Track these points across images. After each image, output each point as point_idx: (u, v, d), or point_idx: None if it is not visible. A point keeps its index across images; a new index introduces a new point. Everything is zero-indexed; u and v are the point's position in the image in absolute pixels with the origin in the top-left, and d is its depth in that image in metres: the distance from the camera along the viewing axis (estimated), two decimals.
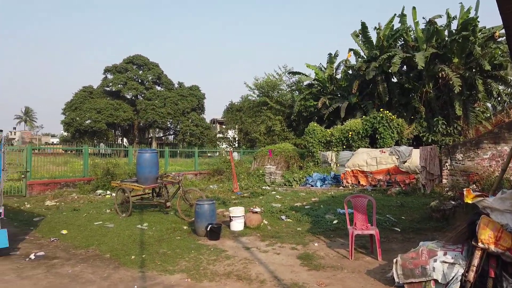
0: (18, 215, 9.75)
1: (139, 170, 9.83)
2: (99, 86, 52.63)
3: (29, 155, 13.66)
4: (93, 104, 47.36)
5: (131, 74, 51.51)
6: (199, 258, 6.19)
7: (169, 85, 54.29)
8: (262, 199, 12.36)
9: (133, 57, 52.48)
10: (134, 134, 53.29)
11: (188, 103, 52.21)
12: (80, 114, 47.15)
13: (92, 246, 6.93)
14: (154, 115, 48.39)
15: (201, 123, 52.77)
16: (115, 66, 51.31)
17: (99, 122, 46.17)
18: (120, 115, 47.32)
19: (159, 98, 50.40)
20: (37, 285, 5.01)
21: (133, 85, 49.84)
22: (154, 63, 53.65)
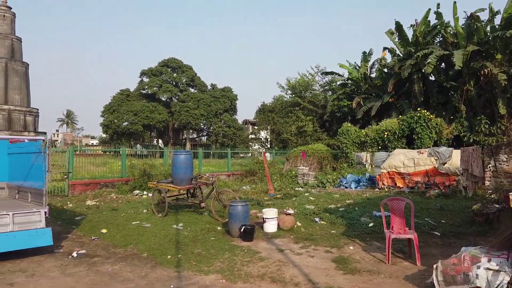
0: (61, 214, 10.22)
1: (175, 171, 10.04)
2: (136, 89, 54.27)
3: (71, 156, 14.29)
4: (130, 107, 48.87)
5: (166, 77, 52.74)
6: (233, 259, 6.23)
7: (202, 87, 55.14)
8: (295, 200, 12.29)
9: (167, 60, 53.74)
10: (169, 136, 54.51)
11: (221, 105, 52.80)
12: (117, 116, 48.78)
13: (130, 245, 7.14)
14: (187, 117, 49.29)
15: (233, 124, 53.20)
16: (150, 70, 52.73)
17: (136, 124, 47.56)
18: (156, 117, 48.53)
19: (193, 100, 51.28)
20: (79, 283, 5.22)
21: (168, 88, 51.01)
22: (188, 65, 54.66)
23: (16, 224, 6.24)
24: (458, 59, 18.65)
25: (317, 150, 20.81)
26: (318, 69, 32.11)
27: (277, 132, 34.24)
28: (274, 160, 23.39)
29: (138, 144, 50.84)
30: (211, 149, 33.98)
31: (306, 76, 32.27)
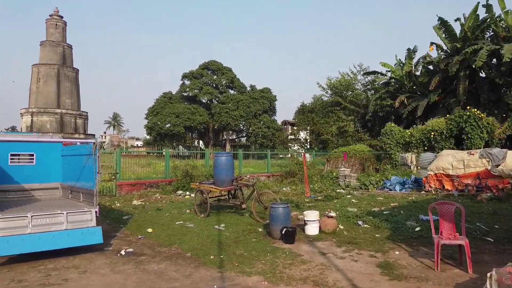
0: (110, 213, 10.69)
1: (216, 172, 10.19)
2: (178, 92, 55.76)
3: (118, 158, 14.93)
4: (172, 109, 50.28)
5: (206, 79, 53.77)
6: (275, 261, 6.22)
7: (241, 88, 55.66)
8: (336, 202, 12.08)
9: (208, 62, 54.76)
10: (209, 137, 55.49)
11: (260, 106, 53.01)
12: (160, 118, 50.35)
13: (174, 245, 7.33)
14: (227, 118, 49.94)
15: (272, 125, 53.22)
16: (191, 72, 53.98)
17: (178, 125, 48.85)
18: (197, 118, 49.60)
19: (232, 102, 51.88)
20: (128, 280, 5.43)
21: (208, 90, 51.97)
22: (228, 67, 55.39)
23: (69, 223, 6.60)
24: (507, 51, 17.51)
25: (358, 151, 20.34)
26: (361, 68, 31.39)
27: (317, 132, 33.82)
28: (314, 161, 23.11)
29: (180, 145, 52.20)
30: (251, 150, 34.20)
31: (347, 75, 31.65)
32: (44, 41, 47.54)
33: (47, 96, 46.30)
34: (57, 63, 47.08)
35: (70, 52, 49.49)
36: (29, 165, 8.80)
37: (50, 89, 46.47)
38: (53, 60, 47.13)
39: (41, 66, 46.67)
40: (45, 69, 46.53)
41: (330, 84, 32.34)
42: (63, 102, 47.37)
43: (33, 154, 8.83)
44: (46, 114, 46.09)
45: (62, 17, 48.94)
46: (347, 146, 23.65)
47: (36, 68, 46.93)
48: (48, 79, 46.44)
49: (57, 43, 47.62)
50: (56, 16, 48.66)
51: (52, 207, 7.01)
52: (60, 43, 47.84)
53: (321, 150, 30.95)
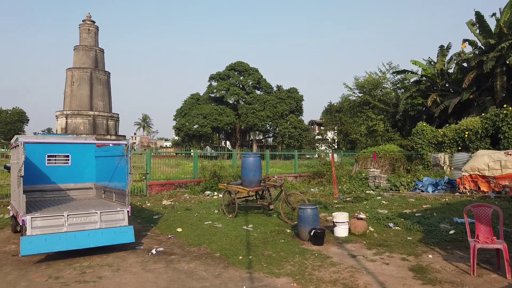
0: (141, 213, 10.94)
1: (244, 173, 10.23)
2: (205, 93, 56.47)
3: (148, 158, 15.26)
4: (200, 110, 50.96)
5: (233, 80, 54.16)
6: (304, 263, 6.18)
7: (268, 88, 55.69)
8: (366, 204, 11.85)
9: (234, 64, 55.13)
10: (236, 137, 55.85)
11: (287, 106, 52.87)
12: (188, 119, 51.15)
13: (203, 245, 7.41)
14: (254, 119, 50.09)
15: (299, 125, 52.95)
16: (218, 74, 54.52)
17: (205, 126, 49.46)
18: (224, 119, 50.03)
19: (259, 102, 52.00)
20: (159, 279, 5.54)
21: (235, 91, 52.32)
22: (254, 68, 55.57)
23: (103, 222, 6.80)
24: None
25: (388, 151, 19.88)
26: (390, 66, 30.68)
27: (345, 132, 33.37)
28: (342, 161, 22.80)
29: (207, 146, 52.80)
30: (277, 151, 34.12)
31: (376, 74, 31.02)
32: (78, 45, 49.27)
33: (80, 98, 47.96)
34: (90, 66, 48.71)
35: (102, 56, 51.07)
36: (65, 166, 9.15)
37: (84, 92, 48.11)
38: (86, 64, 48.79)
39: (75, 70, 48.38)
40: (79, 73, 48.21)
41: (357, 83, 31.80)
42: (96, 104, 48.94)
43: (69, 155, 9.17)
44: (80, 116, 47.75)
45: (94, 22, 50.59)
46: (376, 146, 23.17)
47: (70, 72, 48.70)
48: (81, 83, 48.09)
49: (89, 47, 49.25)
50: (89, 21, 50.35)
51: (87, 207, 7.25)
52: (92, 47, 49.45)
53: (349, 150, 30.49)
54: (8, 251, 6.94)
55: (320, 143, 44.43)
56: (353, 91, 32.98)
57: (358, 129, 29.73)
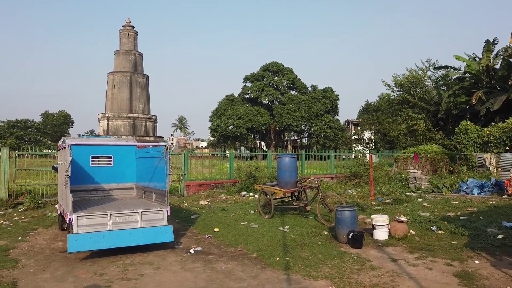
0: (179, 213, 11.18)
1: (279, 174, 10.19)
2: (240, 94, 56.94)
3: (186, 159, 15.58)
4: (235, 111, 51.44)
5: (268, 80, 54.22)
6: (342, 266, 6.06)
7: (302, 88, 55.31)
8: (406, 206, 11.47)
9: (269, 64, 55.19)
10: (270, 138, 55.88)
11: (322, 106, 52.26)
12: (223, 120, 51.77)
13: (240, 245, 7.45)
14: (288, 119, 49.90)
15: (335, 125, 52.20)
16: (253, 75, 54.79)
17: (240, 127, 49.85)
18: (258, 120, 50.21)
19: (293, 102, 51.75)
20: (198, 278, 5.62)
21: (269, 91, 52.36)
22: (289, 68, 55.37)
23: (144, 221, 7.01)
24: None
25: (430, 152, 19.13)
26: (430, 63, 29.53)
27: (383, 132, 32.45)
28: (381, 162, 22.20)
29: (242, 146, 53.19)
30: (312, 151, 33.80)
31: (415, 71, 29.94)
32: (118, 50, 51.18)
33: (121, 101, 49.80)
34: (129, 70, 50.48)
35: (141, 60, 52.78)
36: (108, 166, 9.51)
37: (124, 95, 49.92)
38: (126, 67, 50.60)
39: (115, 73, 50.30)
40: (119, 77, 50.08)
41: (396, 81, 30.81)
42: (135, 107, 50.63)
43: (111, 157, 9.53)
44: (120, 118, 49.57)
45: (133, 27, 52.38)
46: (416, 146, 22.37)
47: (111, 76, 50.69)
48: (121, 86, 49.93)
49: (129, 52, 51.04)
50: (128, 27, 52.19)
51: (128, 206, 7.49)
52: (132, 52, 51.22)
53: (388, 151, 29.65)
54: (56, 248, 7.30)
55: (357, 143, 43.47)
56: (392, 89, 31.97)
57: (397, 129, 28.80)
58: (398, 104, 30.30)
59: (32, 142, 52.33)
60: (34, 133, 59.99)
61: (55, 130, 66.49)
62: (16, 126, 57.11)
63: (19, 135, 55.40)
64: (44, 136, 61.57)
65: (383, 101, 34.43)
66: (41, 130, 62.89)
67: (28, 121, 60.44)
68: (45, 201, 12.45)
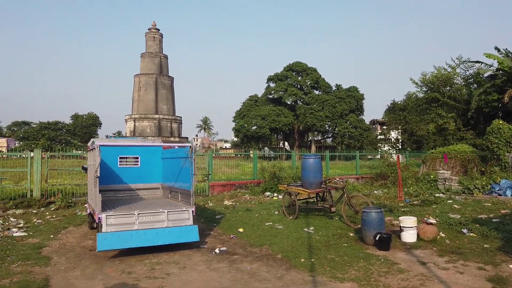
0: (204, 212, 11.28)
1: (304, 174, 10.12)
2: (263, 94, 56.92)
3: (210, 160, 15.72)
4: (258, 111, 51.47)
5: (291, 80, 53.94)
6: (369, 269, 5.95)
7: (326, 88, 54.71)
8: (435, 208, 11.15)
9: (292, 64, 54.91)
10: (294, 138, 55.58)
11: (346, 105, 51.55)
12: (247, 121, 51.90)
13: (264, 246, 7.44)
14: (312, 119, 49.48)
15: (360, 124, 51.37)
16: (276, 75, 54.65)
17: (263, 127, 49.84)
18: (282, 120, 50.05)
19: (317, 102, 51.28)
20: (223, 278, 5.65)
21: (293, 91, 52.09)
22: (312, 68, 54.89)
23: (170, 221, 7.10)
24: None
25: (460, 152, 18.52)
26: (460, 61, 28.57)
27: (410, 132, 31.68)
28: (408, 162, 21.67)
29: (266, 146, 53.16)
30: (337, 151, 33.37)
31: (444, 69, 29.04)
32: (144, 53, 52.24)
33: (147, 103, 50.78)
34: (155, 72, 51.43)
35: (166, 62, 53.67)
36: (135, 167, 9.71)
37: (149, 96, 50.88)
38: (151, 70, 51.59)
39: (142, 76, 51.35)
40: (145, 79, 51.09)
41: (424, 80, 29.92)
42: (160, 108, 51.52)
43: (138, 157, 9.72)
44: (146, 120, 50.55)
45: (159, 30, 53.34)
46: (445, 146, 21.71)
47: (138, 78, 51.77)
48: (147, 88, 50.92)
49: (155, 54, 52.00)
50: (154, 29, 53.19)
51: (155, 206, 7.62)
52: (157, 54, 52.16)
53: (415, 151, 28.92)
54: (86, 246, 7.52)
55: (383, 143, 42.64)
56: (420, 87, 31.03)
57: (426, 128, 28.00)
58: (426, 103, 29.45)
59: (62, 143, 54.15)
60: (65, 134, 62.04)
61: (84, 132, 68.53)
62: (48, 128, 59.21)
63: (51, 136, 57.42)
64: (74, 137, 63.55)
65: (410, 100, 33.58)
66: (71, 132, 64.95)
67: (59, 122, 62.58)
68: (75, 200, 12.84)
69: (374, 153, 32.05)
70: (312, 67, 54.96)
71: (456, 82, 29.25)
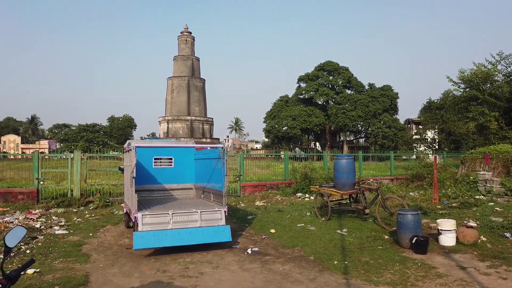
0: (236, 213, 11.36)
1: (336, 175, 9.98)
2: (294, 95, 56.65)
3: (241, 160, 15.81)
4: (289, 112, 51.27)
5: (322, 80, 53.36)
6: (405, 272, 5.79)
7: (359, 87, 53.69)
8: (475, 210, 10.67)
9: (323, 64, 54.31)
10: (325, 138, 54.93)
11: (380, 104, 50.37)
12: (278, 121, 51.82)
13: (297, 247, 7.40)
14: (344, 119, 48.71)
15: (394, 124, 50.01)
16: (307, 75, 54.22)
17: (294, 128, 49.57)
18: (313, 120, 49.59)
19: (349, 102, 50.43)
20: (255, 278, 5.67)
21: (324, 91, 51.49)
22: (344, 67, 54.05)
23: (203, 221, 7.21)
24: None
25: (502, 152, 17.60)
26: (501, 57, 27.18)
27: (447, 131, 30.48)
28: (446, 163, 20.86)
29: (297, 147, 52.86)
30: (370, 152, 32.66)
31: (484, 66, 27.72)
32: (177, 55, 53.30)
33: (179, 105, 51.77)
34: (187, 75, 52.34)
35: (198, 64, 54.51)
36: (169, 167, 9.92)
37: (182, 98, 51.86)
38: (184, 72, 52.55)
39: (174, 78, 52.42)
40: (178, 81, 52.12)
41: (463, 77, 28.62)
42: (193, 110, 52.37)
43: (172, 158, 9.93)
44: (179, 121, 51.53)
45: (191, 33, 54.27)
46: (486, 146, 20.74)
47: (171, 81, 52.91)
48: (180, 90, 51.92)
49: (187, 57, 52.96)
50: (186, 33, 54.17)
51: (188, 206, 7.75)
52: (189, 57, 53.09)
53: (453, 151, 27.84)
54: (123, 245, 7.76)
55: (418, 143, 41.28)
56: (457, 85, 29.71)
57: (465, 127, 26.80)
58: (465, 101, 28.20)
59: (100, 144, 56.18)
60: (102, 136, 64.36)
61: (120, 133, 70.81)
62: (86, 130, 61.63)
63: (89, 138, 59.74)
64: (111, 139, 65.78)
65: (448, 98, 32.28)
66: (108, 133, 67.30)
67: (96, 125, 64.99)
68: (113, 200, 13.29)
69: (409, 153, 31.07)
70: (344, 66, 54.12)
71: (497, 79, 27.83)
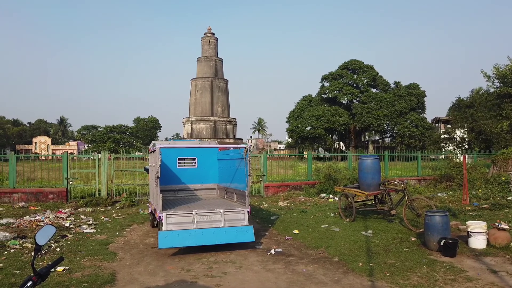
0: (259, 213, 11.36)
1: (361, 176, 9.82)
2: (317, 94, 56.18)
3: (264, 161, 15.81)
4: (312, 112, 50.87)
5: (346, 79, 52.67)
6: (433, 275, 5.62)
7: (384, 86, 52.66)
8: (508, 212, 10.28)
9: (347, 62, 53.59)
10: (350, 138, 54.19)
11: (406, 103, 49.23)
12: (301, 121, 51.52)
13: (320, 248, 7.32)
14: (369, 118, 47.90)
15: (421, 123, 48.76)
16: (331, 74, 53.65)
17: (318, 128, 49.14)
18: (337, 120, 49.01)
19: (375, 101, 49.54)
20: (279, 279, 5.64)
21: (349, 90, 50.81)
22: (369, 65, 53.15)
23: (226, 221, 7.24)
24: None
25: None
26: None
27: (478, 130, 29.44)
28: (476, 163, 20.18)
29: (320, 147, 52.40)
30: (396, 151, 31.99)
31: None
32: (200, 57, 53.90)
33: (203, 105, 52.32)
34: (210, 76, 52.84)
35: (221, 65, 54.92)
36: (192, 168, 10.03)
37: (205, 99, 52.38)
38: (207, 73, 53.08)
39: (198, 79, 53.04)
40: (201, 82, 52.70)
41: (497, 72, 27.32)
42: (216, 110, 52.81)
43: (195, 158, 10.04)
44: (203, 122, 52.09)
45: (214, 34, 54.76)
46: None
47: (194, 82, 53.55)
48: (203, 91, 52.47)
49: (210, 58, 53.46)
50: (209, 34, 54.70)
51: (212, 206, 7.81)
52: (212, 58, 53.58)
53: (484, 151, 26.88)
54: (148, 244, 7.90)
55: (447, 142, 40.10)
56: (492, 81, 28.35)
57: (498, 125, 25.76)
58: (497, 99, 27.07)
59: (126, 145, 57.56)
60: (128, 137, 65.89)
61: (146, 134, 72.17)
62: (113, 131, 63.26)
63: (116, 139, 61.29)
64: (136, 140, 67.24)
65: (478, 96, 31.17)
66: (133, 134, 68.79)
67: (122, 126, 66.60)
68: (138, 199, 13.57)
69: (438, 153, 30.23)
70: (369, 65, 53.23)
71: None
